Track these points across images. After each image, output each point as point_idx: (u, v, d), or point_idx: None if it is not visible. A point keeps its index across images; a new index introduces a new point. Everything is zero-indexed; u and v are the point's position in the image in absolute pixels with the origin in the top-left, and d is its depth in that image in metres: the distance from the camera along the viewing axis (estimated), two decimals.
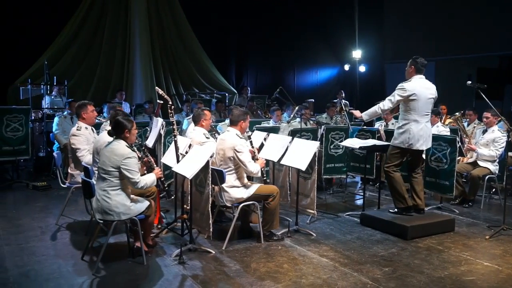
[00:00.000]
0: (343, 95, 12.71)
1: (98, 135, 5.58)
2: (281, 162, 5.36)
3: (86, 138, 5.56)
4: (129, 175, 4.20)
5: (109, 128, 5.01)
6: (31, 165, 8.88)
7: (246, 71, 14.96)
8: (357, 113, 5.78)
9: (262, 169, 5.15)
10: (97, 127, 6.05)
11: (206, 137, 5.55)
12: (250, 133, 5.51)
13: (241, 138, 5.00)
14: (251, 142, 5.28)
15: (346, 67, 16.57)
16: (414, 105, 5.34)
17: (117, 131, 4.34)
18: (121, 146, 4.26)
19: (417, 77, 5.42)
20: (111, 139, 4.70)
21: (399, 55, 15.14)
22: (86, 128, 5.66)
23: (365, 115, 5.67)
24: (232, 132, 5.02)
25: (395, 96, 5.40)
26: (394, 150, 5.54)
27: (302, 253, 4.73)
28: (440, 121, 7.76)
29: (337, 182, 8.04)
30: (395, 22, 15.78)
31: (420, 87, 5.36)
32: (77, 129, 5.61)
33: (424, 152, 5.90)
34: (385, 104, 5.49)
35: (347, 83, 16.41)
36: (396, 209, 5.66)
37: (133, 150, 4.31)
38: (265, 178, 5.33)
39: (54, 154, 6.37)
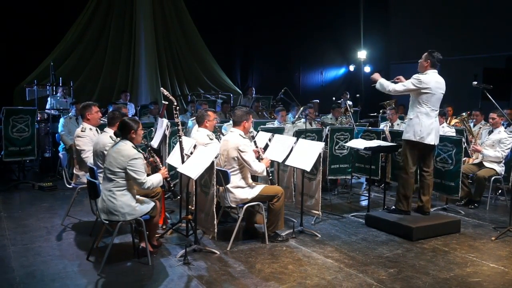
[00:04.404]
0: (348, 95, 12.68)
1: None
2: (286, 163, 5.36)
3: (90, 139, 5.56)
4: (135, 176, 4.21)
5: (108, 130, 5.05)
6: (37, 166, 8.94)
7: (251, 71, 14.98)
8: (376, 75, 5.73)
9: (268, 168, 5.15)
10: (102, 127, 6.06)
11: (210, 138, 5.55)
12: (254, 133, 5.51)
13: (244, 138, 5.00)
14: (255, 142, 5.28)
15: (352, 68, 16.55)
16: (427, 98, 5.33)
17: (124, 132, 4.35)
18: (127, 147, 4.27)
19: (432, 71, 5.40)
20: (110, 140, 4.73)
21: (404, 56, 15.11)
22: (91, 129, 5.68)
23: (378, 84, 5.62)
24: (235, 133, 5.03)
25: (410, 84, 5.36)
26: (407, 145, 5.50)
27: (307, 254, 4.72)
28: (446, 121, 7.72)
29: (342, 183, 8.03)
30: (401, 23, 15.75)
31: (435, 82, 5.36)
32: (81, 130, 5.63)
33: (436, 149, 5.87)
34: (397, 87, 5.44)
35: (352, 83, 16.39)
36: (394, 207, 5.69)
37: (138, 151, 4.31)
38: (271, 177, 5.33)
39: (60, 154, 6.40)
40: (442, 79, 5.46)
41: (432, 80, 5.34)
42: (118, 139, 4.39)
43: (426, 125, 5.34)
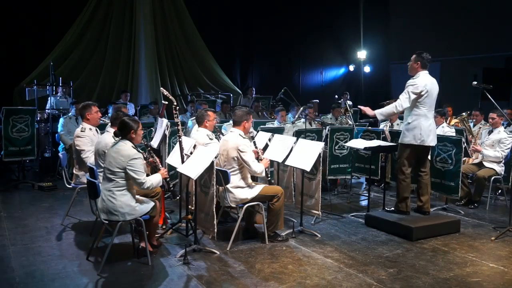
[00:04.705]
0: (348, 95, 12.68)
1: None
2: (286, 163, 5.36)
3: (90, 139, 5.55)
4: (135, 176, 4.21)
5: (111, 129, 5.04)
6: (37, 166, 8.94)
7: (251, 71, 14.99)
8: (368, 111, 5.60)
9: (267, 169, 5.15)
10: (101, 128, 6.06)
11: (210, 138, 5.55)
12: (254, 133, 5.51)
13: (244, 138, 5.00)
14: (254, 142, 5.29)
15: (351, 68, 16.55)
16: (424, 101, 5.32)
17: (123, 132, 4.35)
18: (127, 147, 4.27)
19: (424, 73, 5.38)
20: (112, 140, 4.73)
21: (404, 56, 15.05)
22: (90, 129, 5.66)
23: (380, 115, 5.56)
24: (235, 133, 5.03)
25: (410, 94, 5.31)
26: (406, 149, 5.48)
27: (306, 254, 4.72)
28: (446, 121, 7.72)
29: (342, 183, 8.03)
30: (401, 23, 15.76)
31: (430, 83, 5.35)
32: (81, 131, 5.61)
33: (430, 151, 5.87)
34: (402, 103, 5.36)
35: (352, 83, 16.39)
36: (393, 208, 5.71)
37: (138, 151, 4.32)
38: (269, 178, 5.34)
39: (60, 154, 6.39)
40: (434, 79, 5.47)
41: (427, 82, 5.33)
42: (118, 139, 4.39)
43: (425, 127, 5.34)
